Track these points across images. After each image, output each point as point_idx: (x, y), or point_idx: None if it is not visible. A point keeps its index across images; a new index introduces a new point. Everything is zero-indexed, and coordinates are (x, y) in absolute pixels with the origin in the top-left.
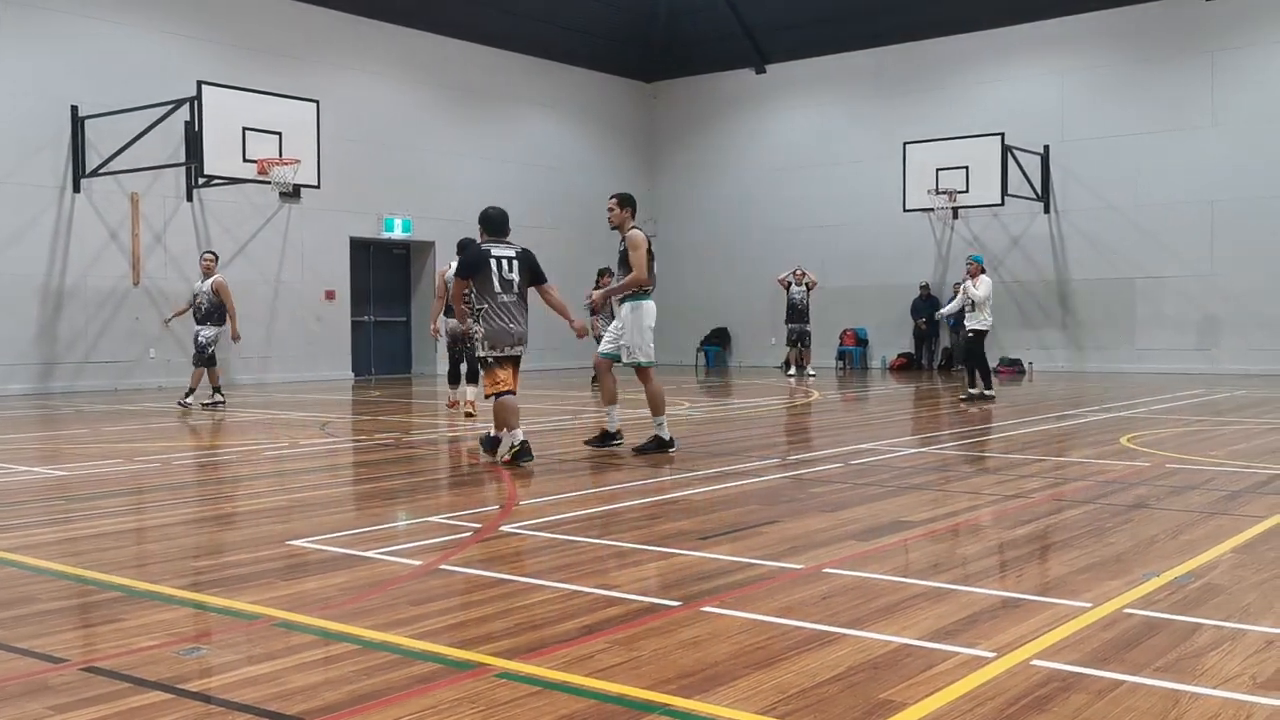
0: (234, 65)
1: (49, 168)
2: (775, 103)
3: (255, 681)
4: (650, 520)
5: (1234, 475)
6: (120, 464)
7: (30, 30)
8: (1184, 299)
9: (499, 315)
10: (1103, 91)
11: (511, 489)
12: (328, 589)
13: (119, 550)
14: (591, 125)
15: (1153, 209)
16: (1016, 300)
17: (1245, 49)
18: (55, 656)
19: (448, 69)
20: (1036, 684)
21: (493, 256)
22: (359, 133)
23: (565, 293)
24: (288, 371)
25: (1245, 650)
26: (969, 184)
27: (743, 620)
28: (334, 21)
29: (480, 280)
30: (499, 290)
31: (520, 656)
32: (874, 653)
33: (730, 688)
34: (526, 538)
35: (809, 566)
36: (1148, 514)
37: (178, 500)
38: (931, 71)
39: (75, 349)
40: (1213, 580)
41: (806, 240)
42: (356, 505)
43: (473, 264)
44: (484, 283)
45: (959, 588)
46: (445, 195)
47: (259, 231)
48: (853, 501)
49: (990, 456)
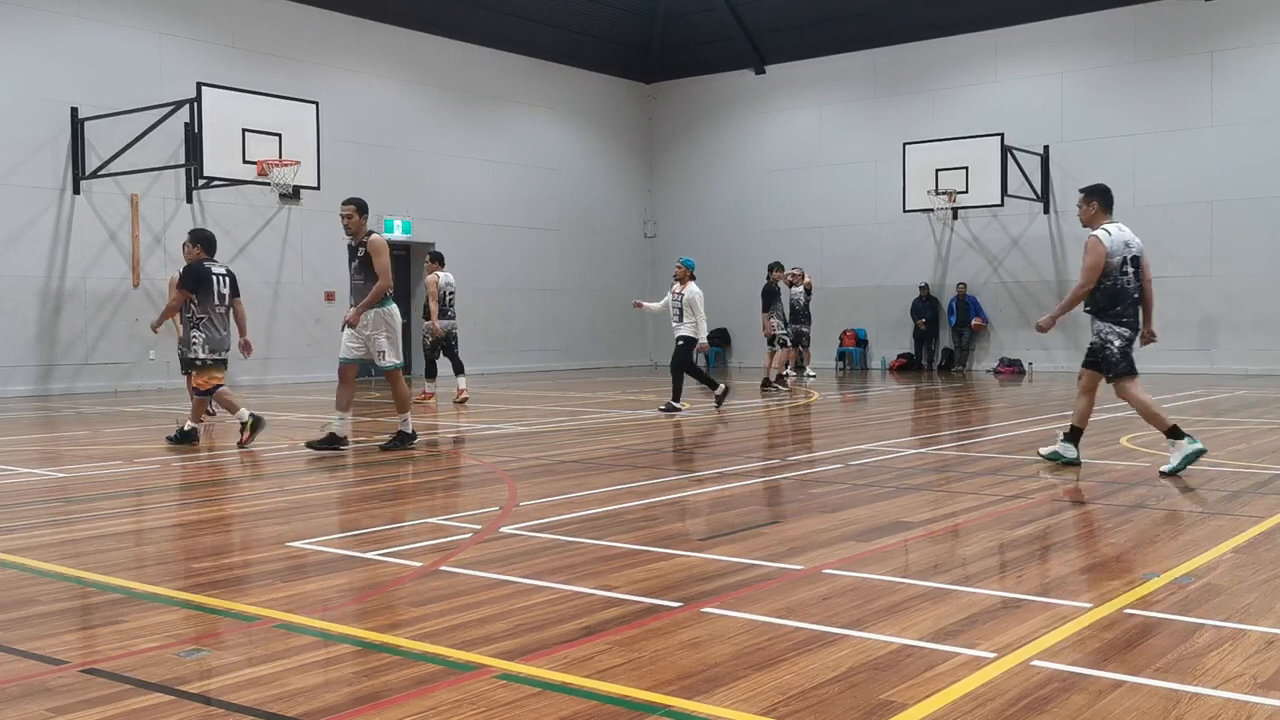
0: (234, 66)
1: (49, 169)
2: (775, 103)
3: (256, 683)
4: (650, 521)
5: (1234, 476)
6: (120, 466)
7: (30, 32)
8: (1183, 299)
9: (217, 325)
10: (1102, 92)
11: (512, 490)
12: (328, 590)
13: (119, 552)
14: (591, 126)
15: (1152, 209)
16: (1016, 300)
17: (1244, 49)
18: (55, 658)
19: (448, 70)
20: (1037, 684)
21: (213, 274)
22: (359, 134)
23: (565, 293)
24: (288, 373)
25: (1245, 651)
26: (968, 184)
27: (743, 621)
28: (334, 23)
29: (203, 293)
30: (217, 303)
31: (521, 658)
32: (874, 653)
33: (730, 689)
34: (527, 539)
35: (809, 567)
36: (1147, 514)
37: (178, 502)
38: (931, 72)
39: (75, 350)
40: (1213, 580)
41: (806, 241)
42: (356, 507)
43: (199, 279)
44: (206, 296)
45: (959, 588)
46: (445, 196)
47: (259, 233)
48: (853, 502)
49: (990, 457)
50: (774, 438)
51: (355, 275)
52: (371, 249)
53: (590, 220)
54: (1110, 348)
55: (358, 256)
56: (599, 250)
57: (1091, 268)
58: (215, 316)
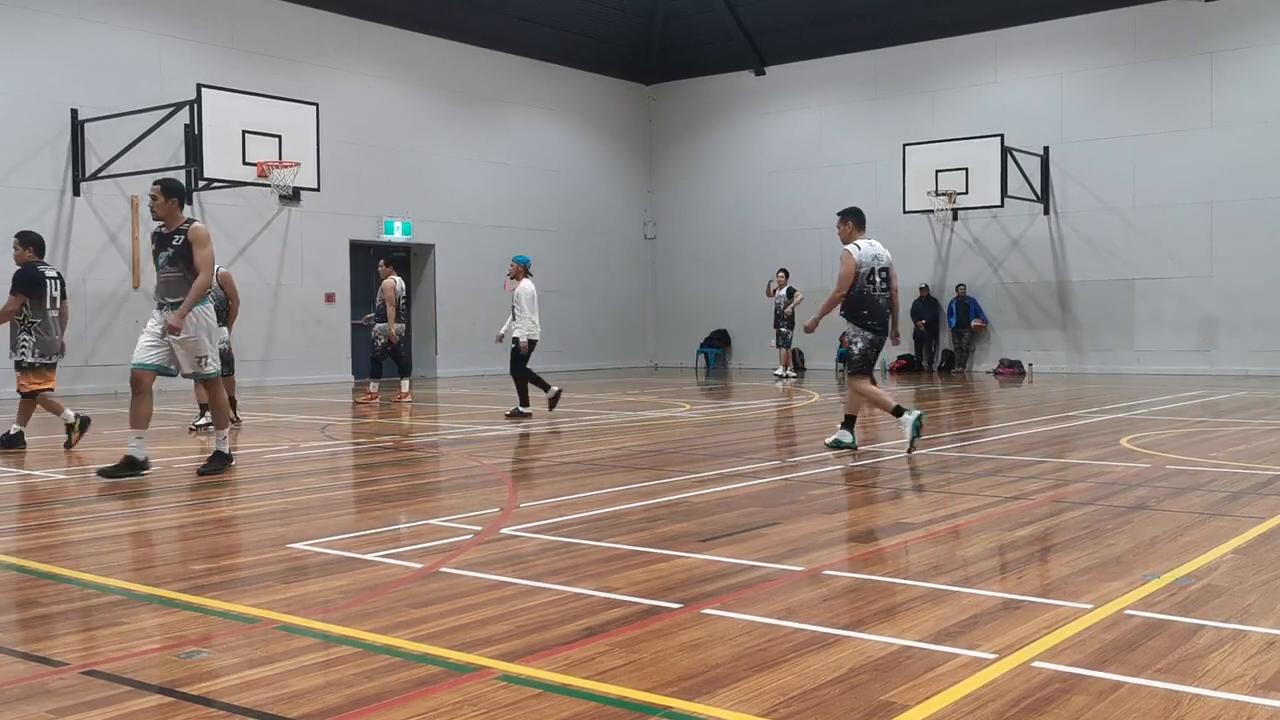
0: (233, 68)
1: (49, 171)
2: (775, 104)
3: (256, 685)
4: (651, 522)
5: (1234, 476)
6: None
7: (30, 33)
8: (1183, 300)
9: (49, 328)
10: (1102, 92)
11: (512, 491)
12: (328, 592)
13: (119, 553)
14: (591, 127)
15: (1152, 210)
16: (1016, 301)
17: (1244, 49)
18: (56, 660)
19: (448, 72)
20: (1037, 685)
21: (46, 277)
22: (358, 135)
23: (564, 293)
24: (287, 374)
25: (1246, 651)
26: (968, 185)
27: (744, 622)
28: (334, 24)
29: (37, 297)
30: (49, 307)
31: (521, 659)
32: (875, 654)
33: (731, 690)
34: (527, 540)
35: (810, 568)
36: (1148, 515)
37: (178, 503)
38: (931, 73)
39: (74, 352)
40: (1213, 581)
41: (806, 242)
42: (357, 508)
43: (33, 283)
44: (39, 299)
45: (960, 589)
46: (445, 198)
47: (259, 234)
48: (853, 503)
49: (991, 458)
50: (774, 438)
51: (166, 268)
52: (193, 238)
53: (590, 221)
54: (854, 348)
55: (171, 246)
56: (599, 251)
57: (844, 277)
58: (48, 320)
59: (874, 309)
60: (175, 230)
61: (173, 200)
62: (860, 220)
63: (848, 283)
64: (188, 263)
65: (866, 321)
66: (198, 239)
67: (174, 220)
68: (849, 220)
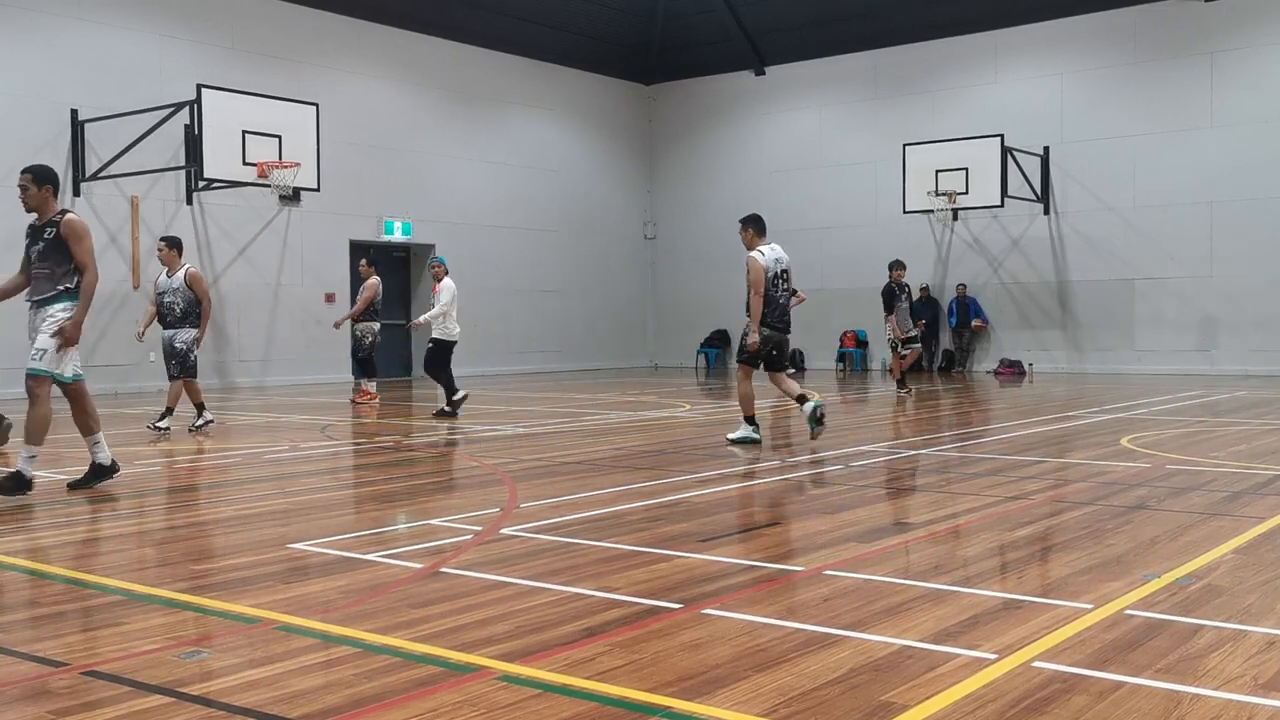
0: (233, 68)
1: None
2: (775, 105)
3: (256, 685)
4: (651, 523)
5: (1234, 476)
6: (120, 467)
7: (31, 33)
8: (1183, 300)
9: None
10: (1102, 92)
11: (512, 491)
12: (329, 592)
13: (120, 554)
14: (591, 128)
15: (1152, 210)
16: (1016, 301)
17: (1244, 49)
18: (56, 660)
19: (448, 72)
20: (1038, 685)
21: None
22: (358, 135)
23: (564, 293)
24: (287, 374)
25: (1246, 651)
26: (968, 185)
27: (744, 623)
28: (334, 24)
29: None
30: None
31: (521, 659)
32: (875, 655)
33: (731, 690)
34: (527, 540)
35: (810, 569)
36: (1148, 515)
37: (178, 504)
38: (931, 73)
39: None
40: (1213, 581)
41: (806, 242)
42: (357, 508)
43: None
44: None
45: (960, 589)
46: (445, 198)
47: (259, 235)
48: (853, 503)
49: (991, 458)
50: (774, 439)
51: (39, 262)
52: (69, 232)
53: (590, 221)
54: (746, 341)
55: (44, 239)
56: (599, 251)
57: (756, 282)
58: None
59: (775, 308)
60: (47, 222)
61: (46, 188)
62: (761, 227)
63: (761, 286)
64: (59, 258)
65: (767, 319)
66: (73, 233)
67: (47, 211)
68: (749, 227)
